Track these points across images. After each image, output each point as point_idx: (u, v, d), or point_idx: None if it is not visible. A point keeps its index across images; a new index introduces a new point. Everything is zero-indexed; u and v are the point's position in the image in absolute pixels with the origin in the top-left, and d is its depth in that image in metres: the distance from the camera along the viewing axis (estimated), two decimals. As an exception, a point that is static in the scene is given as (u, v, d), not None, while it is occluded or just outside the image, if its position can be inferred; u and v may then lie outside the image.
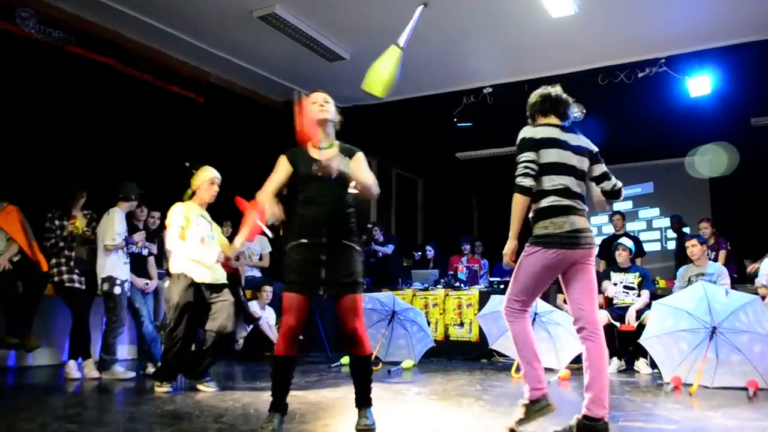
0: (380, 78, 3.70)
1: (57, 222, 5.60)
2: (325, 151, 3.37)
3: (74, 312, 5.52)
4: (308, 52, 7.56)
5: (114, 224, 5.56)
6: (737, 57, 7.42)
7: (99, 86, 6.98)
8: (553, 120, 3.50)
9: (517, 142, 3.42)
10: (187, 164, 5.14)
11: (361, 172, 3.33)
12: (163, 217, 6.88)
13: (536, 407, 3.33)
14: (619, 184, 3.54)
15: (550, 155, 3.32)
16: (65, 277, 5.51)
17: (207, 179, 5.11)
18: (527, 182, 3.26)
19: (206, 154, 8.04)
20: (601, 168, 3.52)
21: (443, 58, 7.93)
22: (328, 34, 7.27)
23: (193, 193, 5.14)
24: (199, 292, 4.85)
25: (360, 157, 3.43)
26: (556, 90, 3.57)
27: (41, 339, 5.65)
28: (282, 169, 3.47)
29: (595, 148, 3.53)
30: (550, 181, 3.30)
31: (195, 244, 4.88)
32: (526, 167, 3.28)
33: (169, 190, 7.24)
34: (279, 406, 3.32)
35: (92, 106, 6.90)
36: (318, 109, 3.45)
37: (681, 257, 8.28)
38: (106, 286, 5.50)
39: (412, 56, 7.79)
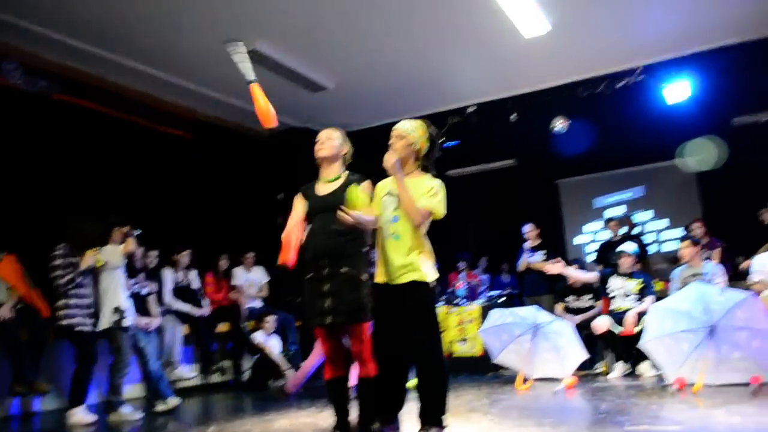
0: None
1: (68, 259, 5.39)
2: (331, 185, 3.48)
3: (83, 356, 5.36)
4: (291, 84, 7.66)
5: (113, 248, 5.59)
6: (715, 60, 7.56)
7: (87, 131, 7.03)
8: None
9: None
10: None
11: (360, 208, 3.35)
12: (161, 255, 6.99)
13: None
14: None
15: None
16: (75, 320, 5.34)
17: None
18: None
19: (197, 189, 8.18)
20: None
21: (425, 81, 8.04)
22: (310, 66, 7.36)
23: None
24: None
25: (364, 186, 3.50)
26: None
27: (49, 384, 5.63)
28: (298, 205, 3.62)
29: None
30: None
31: None
32: None
33: (163, 228, 7.35)
34: (339, 425, 3.51)
35: (83, 150, 6.96)
36: (317, 148, 3.56)
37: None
38: (115, 317, 5.43)
39: (394, 80, 8.00)
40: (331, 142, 3.58)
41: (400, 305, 3.44)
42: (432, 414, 3.52)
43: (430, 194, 3.52)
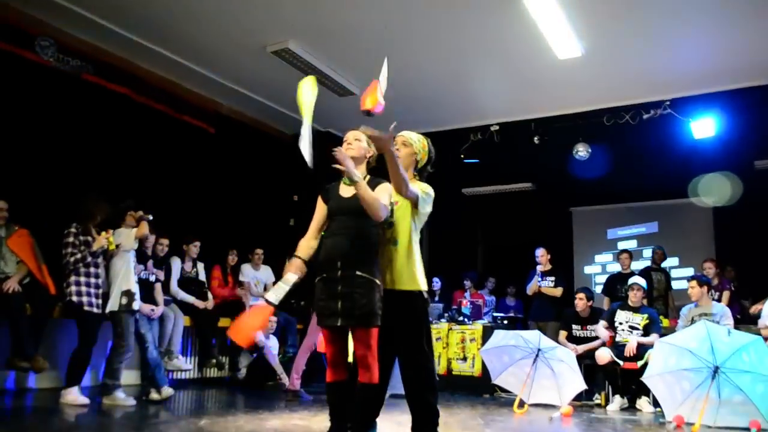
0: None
1: (82, 237, 5.45)
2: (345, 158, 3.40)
3: (85, 337, 5.37)
4: (319, 87, 7.68)
5: (127, 231, 5.61)
6: (741, 101, 7.53)
7: (113, 114, 7.11)
8: None
9: None
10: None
11: (367, 190, 3.34)
12: (172, 244, 7.02)
13: None
14: None
15: None
16: (84, 299, 5.36)
17: None
18: None
19: (214, 183, 8.22)
20: None
21: (451, 96, 8.07)
22: (339, 70, 7.41)
23: None
24: None
25: (384, 186, 3.50)
26: None
27: (46, 361, 5.62)
28: (319, 208, 3.61)
29: None
30: None
31: None
32: None
33: (177, 217, 7.38)
34: (334, 429, 3.45)
35: (106, 133, 7.02)
36: (345, 148, 3.57)
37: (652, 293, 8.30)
38: (124, 300, 5.43)
39: (420, 93, 8.03)
40: (359, 143, 3.59)
41: (393, 313, 3.45)
42: (425, 427, 3.53)
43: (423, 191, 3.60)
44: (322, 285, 3.41)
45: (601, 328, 6.88)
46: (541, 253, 8.27)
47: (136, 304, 5.53)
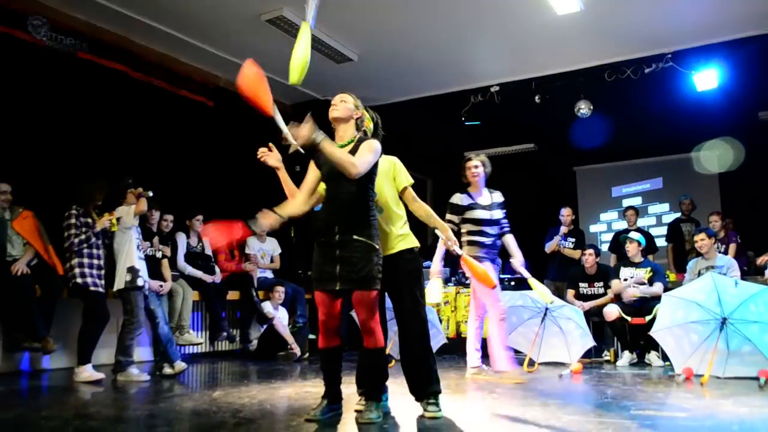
0: (295, 65, 3.72)
1: (82, 219, 5.50)
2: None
3: (92, 315, 5.42)
4: (316, 54, 7.60)
5: (128, 208, 5.63)
6: (744, 51, 7.42)
7: (110, 92, 7.05)
8: None
9: None
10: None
11: (332, 149, 3.28)
12: (176, 220, 7.03)
13: None
14: None
15: None
16: (89, 280, 5.42)
17: None
18: None
19: (215, 156, 8.19)
20: None
21: (450, 58, 7.96)
22: (336, 36, 7.33)
23: None
24: None
25: (367, 144, 3.43)
26: None
27: (57, 342, 5.69)
28: (310, 171, 3.60)
29: None
30: None
31: None
32: None
33: (180, 193, 7.38)
34: (328, 394, 3.49)
35: (103, 111, 6.98)
36: (330, 109, 3.56)
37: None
38: (128, 277, 5.47)
39: (419, 56, 7.95)
40: (344, 104, 3.57)
41: (388, 275, 3.52)
42: (428, 386, 3.64)
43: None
44: (321, 249, 3.44)
45: (621, 287, 6.86)
46: (567, 213, 8.19)
47: (141, 281, 5.54)
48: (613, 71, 7.92)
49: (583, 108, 8.48)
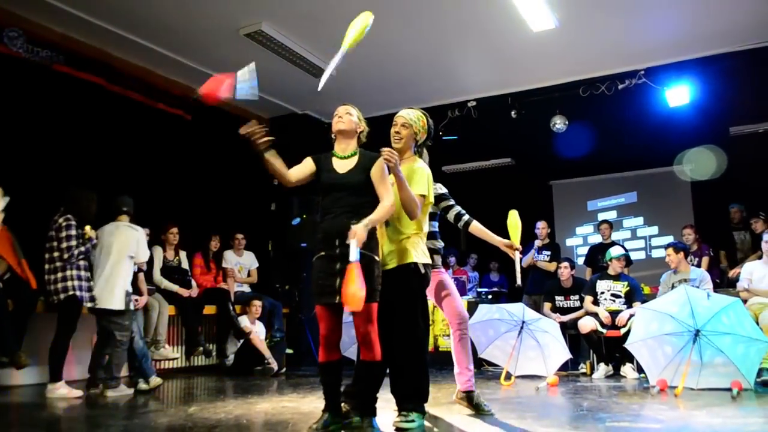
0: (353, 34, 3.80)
1: (79, 230, 5.41)
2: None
3: (68, 330, 5.38)
4: (295, 69, 7.65)
5: (145, 242, 5.75)
6: (715, 67, 7.57)
7: (87, 104, 7.01)
8: None
9: None
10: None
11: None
12: (152, 233, 6.97)
13: None
14: None
15: None
16: (85, 294, 5.38)
17: None
18: None
19: (193, 170, 8.15)
20: None
21: (428, 73, 8.04)
22: (315, 51, 7.36)
23: None
24: None
25: (379, 164, 3.50)
26: None
27: (29, 357, 5.58)
28: (305, 163, 3.61)
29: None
30: None
31: None
32: None
33: (156, 206, 7.32)
34: (328, 407, 3.47)
35: (80, 123, 6.92)
36: (335, 121, 3.57)
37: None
38: (127, 299, 5.54)
39: (397, 71, 8.00)
40: (350, 117, 3.59)
41: (388, 289, 3.50)
42: (413, 398, 3.61)
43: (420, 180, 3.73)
44: (321, 263, 3.41)
45: (590, 305, 6.92)
46: (542, 226, 8.26)
47: (132, 305, 5.68)
48: (588, 87, 8.05)
49: (559, 123, 8.59)
